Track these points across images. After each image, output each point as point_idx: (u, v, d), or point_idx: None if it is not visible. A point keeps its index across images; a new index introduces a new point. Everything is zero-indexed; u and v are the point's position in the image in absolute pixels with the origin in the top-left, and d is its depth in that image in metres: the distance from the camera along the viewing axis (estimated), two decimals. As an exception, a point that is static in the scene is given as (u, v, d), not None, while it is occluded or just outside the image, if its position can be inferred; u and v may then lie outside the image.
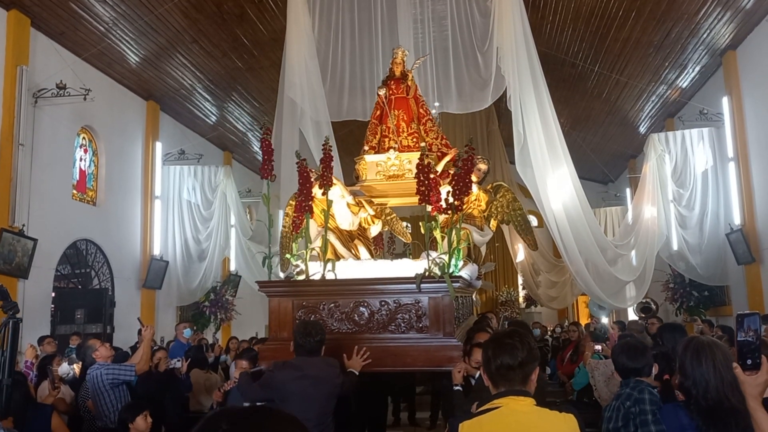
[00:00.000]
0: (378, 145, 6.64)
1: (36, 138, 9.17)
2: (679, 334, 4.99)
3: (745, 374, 2.08)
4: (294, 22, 7.74)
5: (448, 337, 4.68)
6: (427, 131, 6.74)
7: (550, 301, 15.43)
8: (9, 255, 8.44)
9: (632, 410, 3.21)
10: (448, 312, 4.72)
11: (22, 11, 8.87)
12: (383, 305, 4.80)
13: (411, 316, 4.75)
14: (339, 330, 4.84)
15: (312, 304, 4.91)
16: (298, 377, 4.11)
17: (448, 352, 4.61)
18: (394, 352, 4.69)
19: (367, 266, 5.47)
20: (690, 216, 11.13)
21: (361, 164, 6.45)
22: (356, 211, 5.89)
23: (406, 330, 4.74)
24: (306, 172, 5.09)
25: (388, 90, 6.75)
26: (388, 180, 6.24)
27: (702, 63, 11.23)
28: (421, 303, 4.75)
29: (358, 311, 4.82)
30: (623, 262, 9.56)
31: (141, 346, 5.57)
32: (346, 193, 5.89)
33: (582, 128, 14.87)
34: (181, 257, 12.54)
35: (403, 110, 6.70)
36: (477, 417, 2.31)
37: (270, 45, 10.60)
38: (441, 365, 4.60)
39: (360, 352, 4.57)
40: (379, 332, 4.77)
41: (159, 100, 12.58)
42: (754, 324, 2.11)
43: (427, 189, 4.79)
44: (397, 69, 6.80)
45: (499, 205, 6.88)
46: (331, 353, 4.51)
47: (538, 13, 10.16)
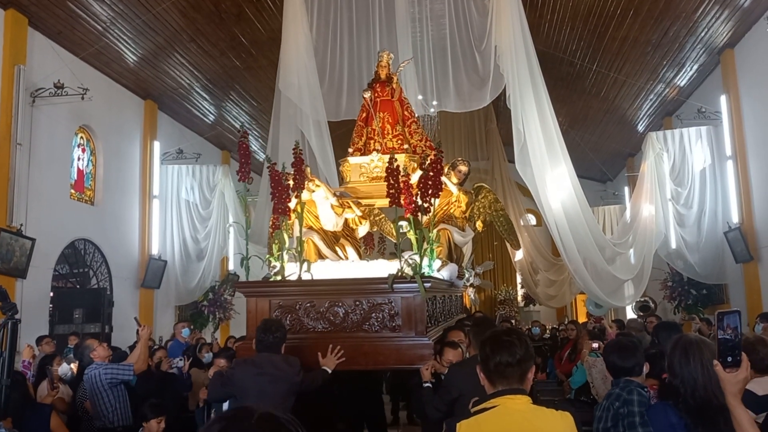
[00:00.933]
0: (364, 147, 6.77)
1: (34, 137, 9.16)
2: (675, 332, 4.98)
3: (725, 372, 2.09)
4: (291, 21, 7.75)
5: (419, 336, 4.77)
6: (411, 133, 6.86)
7: (548, 300, 15.45)
8: (7, 255, 8.43)
9: (621, 411, 3.23)
10: (420, 311, 4.80)
11: (20, 10, 8.85)
12: (357, 305, 4.89)
13: (384, 315, 4.85)
14: (315, 329, 4.93)
15: (288, 304, 4.99)
16: (256, 374, 4.15)
17: (419, 351, 4.71)
18: (367, 350, 4.78)
19: (343, 267, 5.57)
20: (688, 214, 11.14)
21: (345, 166, 6.58)
22: (340, 213, 5.98)
23: (380, 329, 4.84)
24: (278, 176, 5.16)
25: (373, 93, 6.86)
26: (371, 181, 6.35)
27: (700, 61, 11.24)
28: (393, 303, 4.85)
29: (333, 311, 4.90)
30: (621, 261, 9.58)
31: (138, 346, 5.56)
32: (330, 194, 5.98)
33: (580, 127, 14.88)
34: (180, 257, 12.53)
35: (388, 113, 6.81)
36: (474, 416, 2.31)
37: (268, 44, 10.59)
38: (412, 363, 4.68)
39: (334, 351, 4.65)
40: (353, 331, 4.86)
41: (157, 100, 12.57)
42: (734, 322, 2.13)
43: (396, 191, 4.88)
44: (383, 72, 6.92)
45: (480, 206, 7.00)
46: (307, 352, 4.62)
47: (536, 11, 10.16)
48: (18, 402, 3.70)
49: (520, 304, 19.90)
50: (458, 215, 6.68)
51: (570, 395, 7.14)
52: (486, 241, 18.78)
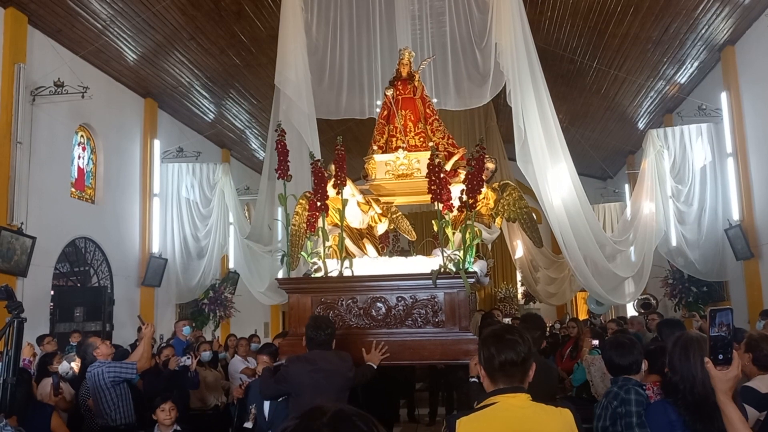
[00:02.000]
0: (385, 144, 6.76)
1: (34, 136, 9.15)
2: (678, 330, 5.00)
3: (716, 369, 2.09)
4: (289, 18, 7.73)
5: (464, 331, 4.81)
6: (433, 131, 6.83)
7: (548, 298, 15.44)
8: (8, 253, 8.43)
9: (619, 410, 3.23)
10: (464, 307, 4.86)
11: (19, 9, 8.84)
12: (400, 301, 4.95)
13: (427, 311, 4.90)
14: (357, 325, 5.00)
15: (330, 301, 5.08)
16: (311, 370, 4.22)
17: (464, 346, 4.74)
18: (411, 346, 4.85)
19: (382, 263, 5.62)
20: (688, 212, 11.14)
21: (370, 163, 6.55)
22: (366, 210, 6.06)
23: (423, 325, 4.89)
24: (321, 173, 5.22)
25: (395, 90, 6.86)
26: (396, 179, 6.36)
27: (700, 58, 11.23)
28: (437, 298, 4.90)
29: (375, 307, 4.98)
30: (622, 258, 9.57)
31: (141, 344, 5.57)
32: (356, 192, 6.03)
33: (580, 124, 14.87)
34: (180, 255, 12.53)
35: (410, 110, 6.80)
36: (474, 413, 2.32)
37: (268, 42, 10.58)
38: (457, 358, 4.77)
39: (378, 347, 4.73)
40: (396, 327, 4.93)
41: (157, 98, 12.56)
42: (726, 319, 2.13)
43: (438, 188, 4.91)
44: (404, 70, 6.90)
45: (505, 203, 6.97)
46: (349, 348, 4.68)
47: (537, 8, 10.15)
48: (23, 400, 3.72)
49: (520, 302, 19.90)
50: (485, 212, 6.71)
51: (571, 393, 7.15)
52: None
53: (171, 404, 4.72)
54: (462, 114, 13.31)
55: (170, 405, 4.71)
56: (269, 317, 17.83)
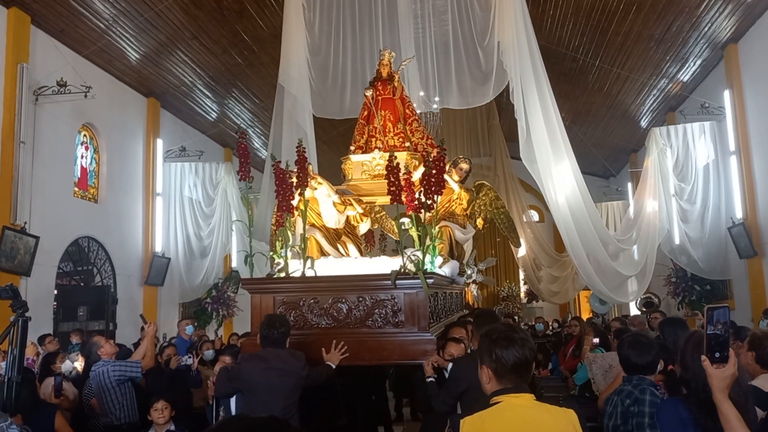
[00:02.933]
0: (365, 144, 6.80)
1: (37, 136, 9.17)
2: (680, 328, 5.00)
3: (712, 367, 2.09)
4: (292, 17, 7.74)
5: (422, 332, 4.81)
6: (413, 131, 6.89)
7: (551, 296, 15.44)
8: (11, 253, 8.45)
9: (631, 409, 3.19)
10: (423, 307, 4.85)
11: (22, 9, 8.85)
12: (361, 301, 4.94)
13: (387, 311, 4.90)
14: (318, 325, 4.98)
15: (292, 300, 5.05)
16: (264, 369, 4.20)
17: (422, 346, 4.75)
18: (371, 346, 4.84)
19: (346, 263, 5.62)
20: (691, 210, 11.12)
21: (347, 164, 6.61)
22: (342, 210, 6.04)
23: (383, 325, 4.89)
24: (282, 173, 5.20)
25: (375, 91, 6.89)
26: (372, 179, 6.39)
27: (703, 56, 11.21)
28: (396, 299, 4.90)
29: (336, 307, 4.96)
30: (625, 257, 9.57)
31: (144, 343, 5.58)
32: (332, 192, 6.03)
33: (583, 122, 14.85)
34: (183, 254, 12.55)
35: (390, 111, 6.85)
36: (478, 413, 2.31)
37: (270, 41, 10.58)
38: (415, 358, 4.73)
39: (338, 346, 4.70)
40: (356, 327, 4.91)
41: (159, 97, 12.57)
42: (723, 317, 2.13)
43: (397, 189, 4.93)
44: (384, 70, 6.94)
45: (482, 203, 7.04)
46: (311, 347, 4.68)
47: (539, 7, 10.14)
48: (27, 399, 3.72)
49: (523, 301, 19.91)
50: (459, 212, 6.74)
51: (574, 391, 7.14)
52: (488, 238, 18.76)
53: (164, 403, 4.69)
54: (464, 113, 13.32)
55: (163, 404, 4.67)
56: (272, 316, 17.82)
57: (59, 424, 4.28)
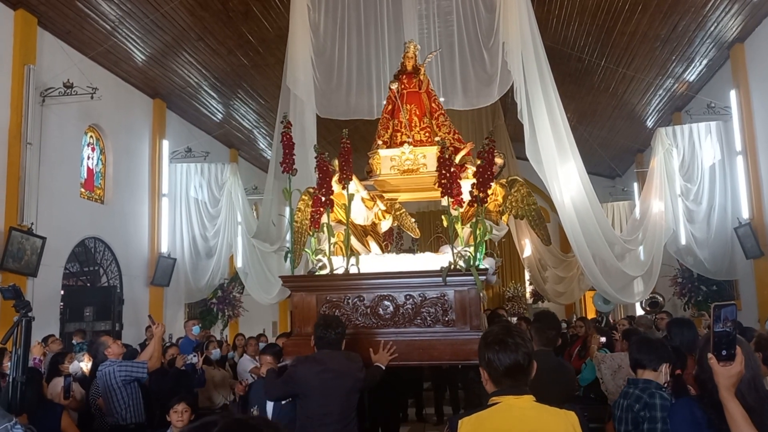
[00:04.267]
0: (390, 139, 6.59)
1: (44, 137, 9.22)
2: (687, 329, 4.98)
3: (719, 365, 2.08)
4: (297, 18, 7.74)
5: (475, 331, 4.64)
6: (439, 126, 6.66)
7: (557, 297, 15.40)
8: (18, 253, 8.49)
9: (641, 414, 3.16)
10: (475, 305, 4.70)
11: (29, 10, 8.90)
12: (408, 299, 4.79)
13: (437, 309, 4.74)
14: (364, 324, 4.84)
15: (336, 299, 4.93)
16: (320, 371, 4.08)
17: (475, 345, 4.52)
18: (421, 346, 4.67)
19: (389, 260, 5.46)
20: (698, 210, 11.08)
21: (375, 159, 6.38)
22: (371, 206, 5.92)
23: (432, 324, 4.73)
24: (326, 166, 5.07)
25: (400, 84, 6.67)
26: (402, 174, 6.18)
27: (709, 56, 11.18)
28: (447, 296, 4.73)
29: (382, 305, 4.83)
30: (631, 257, 9.53)
31: (151, 343, 5.59)
32: (360, 188, 5.89)
33: (589, 123, 14.82)
34: (189, 254, 12.59)
35: (416, 105, 6.63)
36: (476, 413, 2.30)
37: (275, 42, 10.60)
38: (468, 358, 4.53)
39: (386, 347, 4.57)
40: (404, 326, 4.77)
41: (165, 98, 12.62)
42: (731, 315, 2.11)
43: (448, 182, 4.76)
44: (409, 63, 6.73)
45: (513, 199, 6.81)
46: (356, 348, 4.52)
47: (544, 7, 10.12)
48: (33, 399, 3.73)
49: (528, 301, 19.86)
50: (493, 209, 6.50)
51: (579, 392, 7.12)
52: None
53: (185, 405, 4.62)
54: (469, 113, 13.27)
55: (183, 406, 4.61)
56: (277, 316, 17.88)
57: (65, 424, 4.30)
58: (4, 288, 3.52)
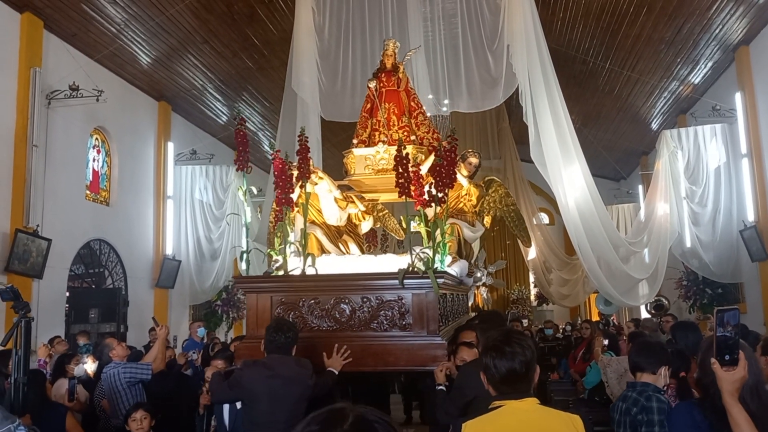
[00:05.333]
0: (368, 138, 6.47)
1: (49, 139, 9.25)
2: (692, 332, 4.97)
3: (722, 370, 2.07)
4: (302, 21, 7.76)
5: (432, 336, 4.47)
6: (418, 125, 6.56)
7: (561, 299, 15.38)
8: (24, 255, 8.52)
9: (639, 418, 3.16)
10: (432, 309, 4.52)
11: (35, 13, 8.94)
12: (365, 302, 4.60)
13: (394, 313, 4.56)
14: (319, 327, 4.66)
15: (291, 301, 4.71)
16: (268, 377, 3.89)
17: (431, 351, 4.42)
18: (376, 350, 4.50)
19: (349, 261, 5.29)
20: (703, 213, 11.04)
21: (349, 158, 6.27)
22: (344, 206, 5.74)
23: (389, 328, 4.55)
24: (282, 164, 4.88)
25: (378, 82, 6.55)
26: (376, 174, 6.06)
27: (714, 59, 11.15)
28: (404, 300, 4.55)
29: (339, 308, 4.63)
30: (636, 260, 9.52)
31: (156, 345, 5.60)
32: (333, 187, 5.73)
33: (593, 125, 14.79)
34: (194, 256, 12.61)
35: (394, 103, 6.52)
36: (479, 417, 2.29)
37: (280, 45, 10.62)
38: (424, 365, 4.39)
39: (340, 351, 4.38)
40: (360, 330, 4.59)
41: (170, 101, 12.65)
42: (734, 319, 2.10)
43: (406, 181, 4.57)
44: (388, 61, 6.61)
45: (491, 200, 6.70)
46: (311, 351, 4.34)
47: (549, 9, 10.11)
48: (36, 401, 3.73)
49: (533, 304, 19.83)
50: (468, 210, 6.41)
51: (584, 395, 7.11)
52: (498, 240, 18.73)
53: (143, 413, 4.43)
54: (474, 115, 13.29)
55: (142, 414, 4.42)
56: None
57: (70, 425, 4.30)
58: (1, 289, 3.49)
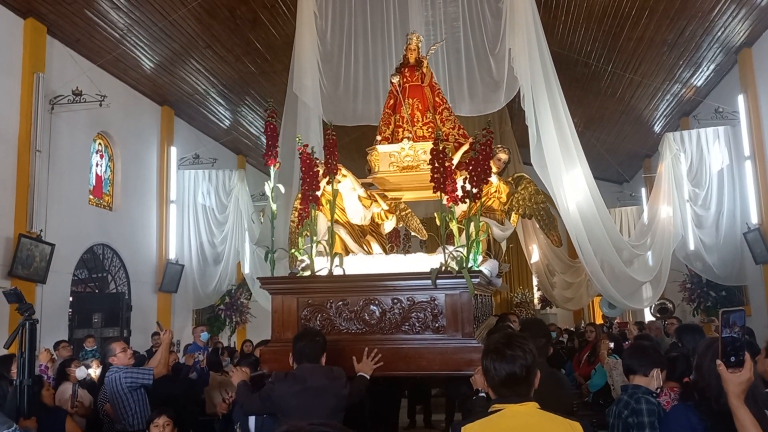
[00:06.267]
0: (391, 135, 6.28)
1: (53, 144, 9.28)
2: (699, 335, 4.95)
3: (728, 372, 2.06)
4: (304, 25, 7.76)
5: (467, 338, 4.26)
6: (443, 121, 6.37)
7: (565, 303, 15.29)
8: (27, 260, 8.54)
9: (629, 420, 3.16)
10: (467, 310, 4.31)
11: (39, 19, 8.98)
12: (396, 303, 4.42)
13: (426, 314, 4.36)
14: (348, 330, 4.49)
15: (318, 302, 4.54)
16: (299, 390, 3.75)
17: (467, 355, 4.18)
18: (408, 354, 4.30)
19: (377, 261, 5.12)
20: (706, 215, 11.01)
21: (373, 155, 6.06)
22: (368, 205, 5.59)
23: (421, 330, 4.36)
24: (309, 159, 4.70)
25: (402, 78, 6.36)
26: (401, 171, 5.85)
27: (717, 61, 11.13)
28: (437, 301, 4.35)
29: (368, 310, 4.44)
30: (639, 263, 9.48)
31: (159, 350, 5.59)
32: (357, 185, 5.58)
33: (596, 128, 14.78)
34: (197, 261, 12.63)
35: (418, 99, 6.34)
36: (479, 421, 2.28)
37: (283, 49, 10.63)
38: (459, 369, 4.18)
39: (371, 355, 4.20)
40: (391, 333, 4.40)
41: (173, 105, 12.69)
42: (740, 320, 2.09)
43: (441, 177, 4.39)
44: (412, 56, 6.44)
45: (520, 197, 6.47)
46: (339, 355, 4.21)
47: (550, 13, 10.11)
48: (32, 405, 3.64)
49: (536, 307, 19.77)
50: (497, 207, 6.22)
51: (588, 398, 7.09)
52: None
53: (166, 419, 4.36)
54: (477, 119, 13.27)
55: (165, 420, 4.35)
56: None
57: (70, 429, 4.29)
58: (6, 291, 3.48)
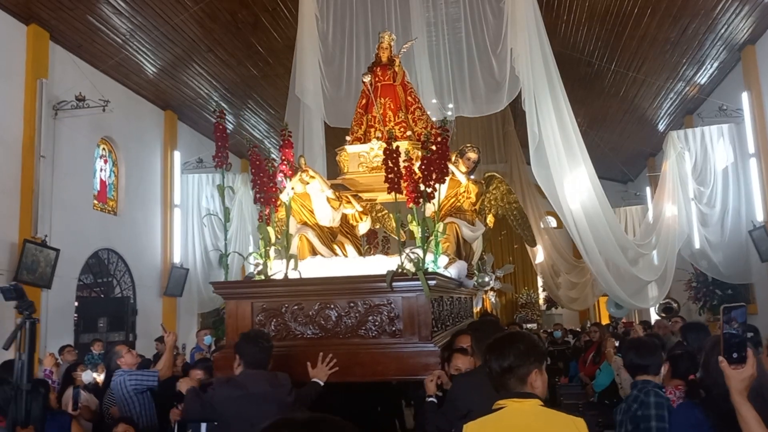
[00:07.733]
0: (364, 135, 6.21)
1: (57, 150, 9.31)
2: (704, 333, 4.93)
3: (730, 368, 2.05)
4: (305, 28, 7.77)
5: (423, 342, 4.14)
6: (415, 120, 6.28)
7: (570, 303, 15.30)
8: (32, 265, 8.56)
9: (638, 414, 3.18)
10: (424, 314, 4.20)
11: (41, 25, 9.01)
12: (352, 307, 4.27)
13: (383, 318, 4.23)
14: (303, 335, 4.34)
15: (273, 307, 4.40)
16: (240, 396, 3.55)
17: (423, 359, 4.09)
18: (364, 359, 4.16)
19: (337, 264, 5.02)
20: (711, 214, 10.97)
21: (342, 155, 5.98)
22: (337, 206, 5.45)
23: (378, 334, 4.22)
24: (259, 161, 4.59)
25: (373, 77, 6.28)
26: (371, 172, 5.77)
27: (720, 59, 11.10)
28: (393, 304, 4.23)
29: (324, 314, 4.30)
30: (644, 262, 9.46)
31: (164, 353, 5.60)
32: (325, 187, 5.44)
33: (599, 127, 14.75)
34: (201, 264, 12.64)
35: (390, 98, 6.26)
36: (481, 418, 2.27)
37: (284, 52, 10.64)
38: (415, 374, 4.05)
39: (326, 360, 4.05)
40: (347, 337, 4.26)
41: (176, 110, 12.71)
42: (741, 317, 2.08)
43: (396, 176, 4.29)
44: (384, 54, 6.36)
45: (492, 197, 6.47)
46: (294, 361, 4.07)
47: (553, 12, 10.10)
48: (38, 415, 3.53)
49: (541, 308, 19.73)
50: (467, 207, 6.10)
51: (593, 398, 7.06)
52: (506, 244, 18.68)
53: (125, 426, 4.32)
54: (479, 119, 13.28)
55: (124, 427, 4.31)
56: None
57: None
58: (4, 288, 3.22)
